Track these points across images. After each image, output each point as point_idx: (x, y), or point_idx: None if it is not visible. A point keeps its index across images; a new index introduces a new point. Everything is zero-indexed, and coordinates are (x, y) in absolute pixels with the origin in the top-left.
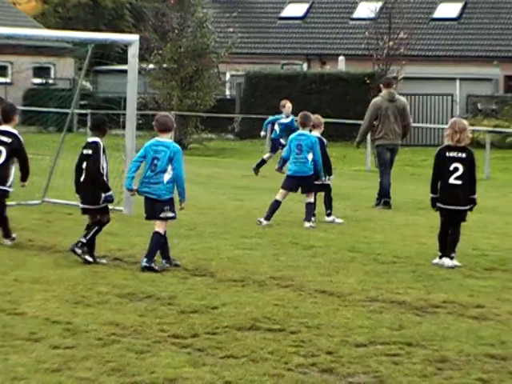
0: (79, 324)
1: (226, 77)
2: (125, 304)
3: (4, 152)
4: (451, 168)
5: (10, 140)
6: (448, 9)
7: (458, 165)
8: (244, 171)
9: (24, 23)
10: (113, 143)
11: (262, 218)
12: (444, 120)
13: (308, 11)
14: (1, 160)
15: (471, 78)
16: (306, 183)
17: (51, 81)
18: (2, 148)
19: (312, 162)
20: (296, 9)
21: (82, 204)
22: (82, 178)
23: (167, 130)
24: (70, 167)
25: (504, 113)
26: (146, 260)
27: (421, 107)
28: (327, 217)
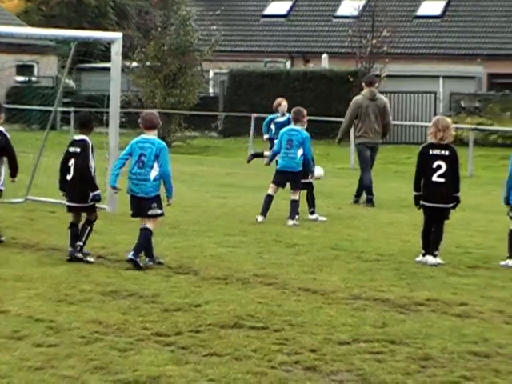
0: (62, 322)
1: (210, 75)
2: (108, 302)
3: None
4: (434, 166)
5: None
6: (431, 6)
7: (441, 162)
8: (228, 169)
9: (7, 21)
10: (96, 141)
11: (260, 217)
12: (427, 118)
13: (291, 9)
14: None
15: (454, 76)
16: (294, 179)
17: (34, 79)
18: None
19: (301, 158)
20: (279, 7)
21: (69, 202)
22: (70, 176)
23: (153, 128)
24: (54, 165)
25: (487, 111)
26: (133, 253)
27: (404, 105)
28: (310, 215)
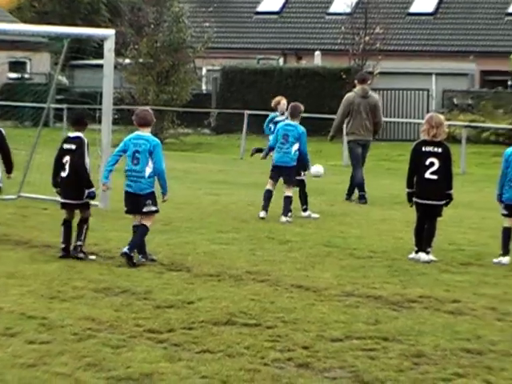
0: (55, 319)
1: (203, 71)
2: (100, 299)
3: None
4: (427, 163)
5: None
6: (424, 4)
7: (434, 160)
8: (220, 166)
9: None
10: (89, 138)
11: (261, 213)
12: (420, 115)
13: (284, 6)
14: None
15: (447, 73)
16: (287, 174)
17: (27, 75)
18: None
19: (295, 154)
20: (272, 4)
21: (63, 199)
22: (65, 174)
23: (147, 125)
24: (47, 162)
25: (480, 108)
26: (128, 248)
27: (397, 102)
28: (303, 212)
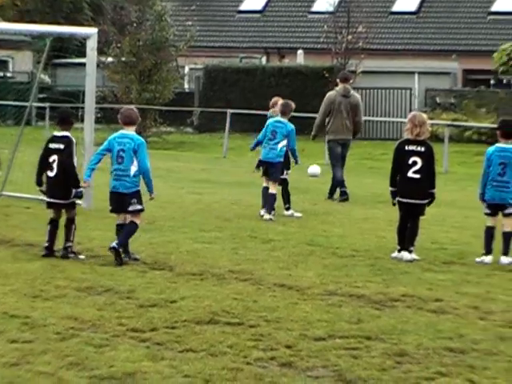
0: (37, 318)
1: (185, 70)
2: (83, 298)
3: None
4: (410, 162)
5: None
6: (406, 2)
7: (417, 158)
8: (203, 165)
9: None
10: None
11: (262, 211)
12: (403, 114)
13: (267, 5)
14: None
15: (430, 72)
16: (272, 170)
17: (9, 74)
18: None
19: (281, 150)
20: (255, 2)
21: (50, 198)
22: (53, 173)
23: (132, 123)
24: (29, 160)
25: (462, 106)
26: (117, 243)
27: (379, 101)
28: (286, 211)
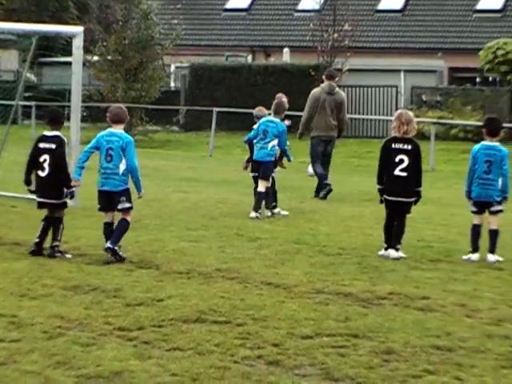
0: (24, 317)
1: (171, 69)
2: (70, 297)
3: None
4: (397, 160)
5: None
6: (392, 1)
7: (404, 156)
8: (189, 163)
9: None
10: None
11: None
12: (389, 112)
13: (252, 3)
14: None
15: (416, 70)
16: (262, 169)
17: None
18: None
19: (272, 150)
20: (240, 0)
21: (42, 198)
22: (45, 173)
23: (120, 122)
24: (15, 160)
25: (448, 104)
26: (111, 242)
27: (365, 99)
28: (272, 209)
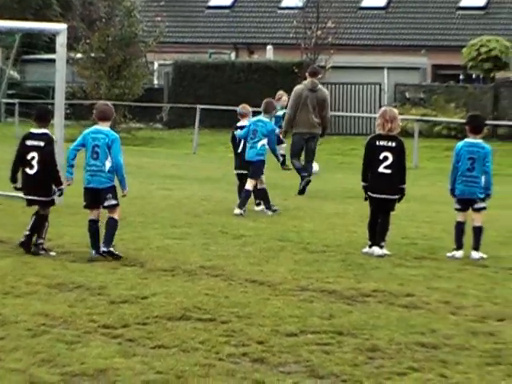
0: (8, 315)
1: (154, 66)
2: (54, 294)
3: None
4: (381, 157)
5: None
6: None
7: (388, 154)
8: (173, 161)
9: None
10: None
11: (267, 210)
12: (372, 109)
13: (236, 0)
14: None
15: (399, 67)
16: (252, 168)
17: None
18: None
19: (261, 149)
20: None
21: (31, 196)
22: (33, 171)
23: (106, 119)
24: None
25: (432, 102)
26: (104, 245)
27: (349, 96)
28: (257, 206)
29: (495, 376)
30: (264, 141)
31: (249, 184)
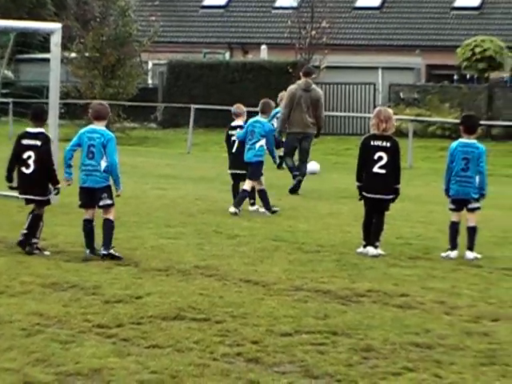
0: (3, 314)
1: (149, 66)
2: (49, 294)
3: None
4: (375, 157)
5: None
6: None
7: (383, 154)
8: (167, 160)
9: None
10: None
11: (266, 211)
12: (366, 109)
13: (230, 0)
14: None
15: (393, 67)
16: (251, 169)
17: None
18: None
19: (260, 150)
20: None
21: (28, 195)
22: (30, 170)
23: (101, 118)
24: None
25: (426, 102)
26: (104, 248)
27: (343, 96)
28: (251, 206)
29: (489, 376)
30: (262, 141)
31: (247, 184)
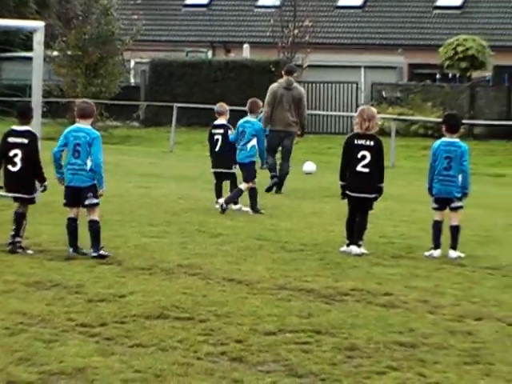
0: None
1: (131, 64)
2: (32, 293)
3: None
4: (359, 156)
5: None
6: None
7: (366, 153)
8: (150, 159)
9: None
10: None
11: (251, 210)
12: (349, 108)
13: None
14: None
15: (376, 66)
16: (245, 170)
17: None
18: None
19: (251, 150)
20: None
21: (15, 193)
22: (17, 168)
23: (86, 116)
24: None
25: (408, 101)
26: (93, 250)
27: (326, 95)
28: (234, 205)
29: (473, 375)
30: (253, 141)
31: (243, 186)
